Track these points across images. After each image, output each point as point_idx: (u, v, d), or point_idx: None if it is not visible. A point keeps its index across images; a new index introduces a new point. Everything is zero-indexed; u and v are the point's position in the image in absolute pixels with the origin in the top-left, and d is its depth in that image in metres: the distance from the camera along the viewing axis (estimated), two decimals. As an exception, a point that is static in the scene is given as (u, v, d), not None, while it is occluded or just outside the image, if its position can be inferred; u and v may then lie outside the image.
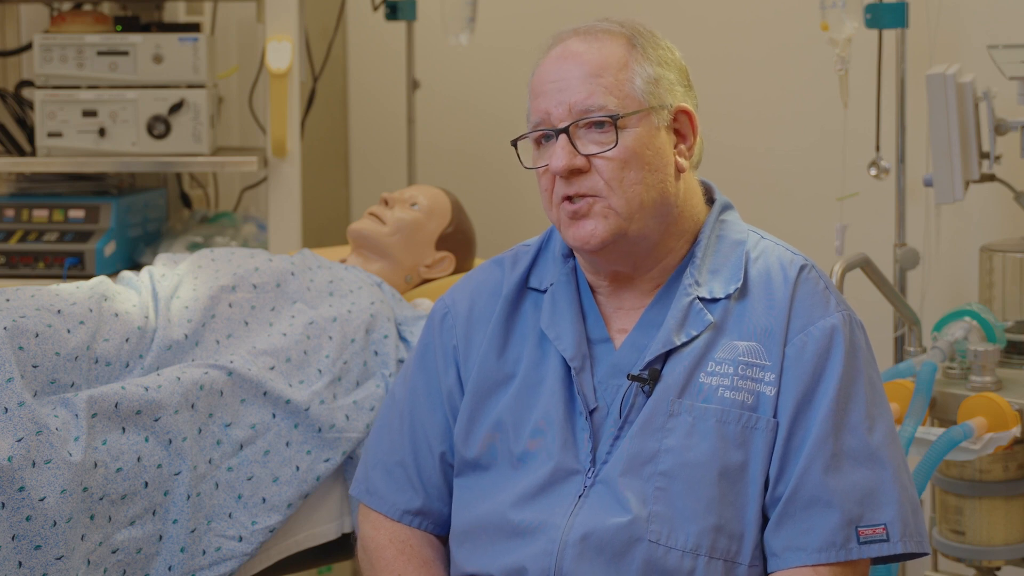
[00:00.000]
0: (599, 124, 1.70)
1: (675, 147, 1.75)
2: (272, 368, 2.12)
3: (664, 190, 1.72)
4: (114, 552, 1.90)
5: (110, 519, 1.89)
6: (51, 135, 3.05)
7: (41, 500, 1.79)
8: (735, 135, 3.36)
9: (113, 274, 2.65)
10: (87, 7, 3.33)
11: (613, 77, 1.70)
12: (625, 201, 1.69)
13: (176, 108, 3.03)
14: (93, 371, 2.00)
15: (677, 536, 1.65)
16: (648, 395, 1.70)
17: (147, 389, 1.96)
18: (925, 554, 1.69)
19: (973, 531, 2.49)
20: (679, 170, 1.75)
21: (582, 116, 1.69)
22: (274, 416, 2.09)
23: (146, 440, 1.94)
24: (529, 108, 1.76)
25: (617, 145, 1.69)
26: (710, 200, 1.83)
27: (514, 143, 1.78)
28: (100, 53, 3.05)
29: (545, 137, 1.73)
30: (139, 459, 1.93)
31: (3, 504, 1.77)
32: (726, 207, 1.82)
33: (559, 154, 1.70)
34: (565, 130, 1.70)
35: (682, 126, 1.76)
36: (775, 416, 1.68)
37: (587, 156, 1.69)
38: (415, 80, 3.61)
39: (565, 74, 1.71)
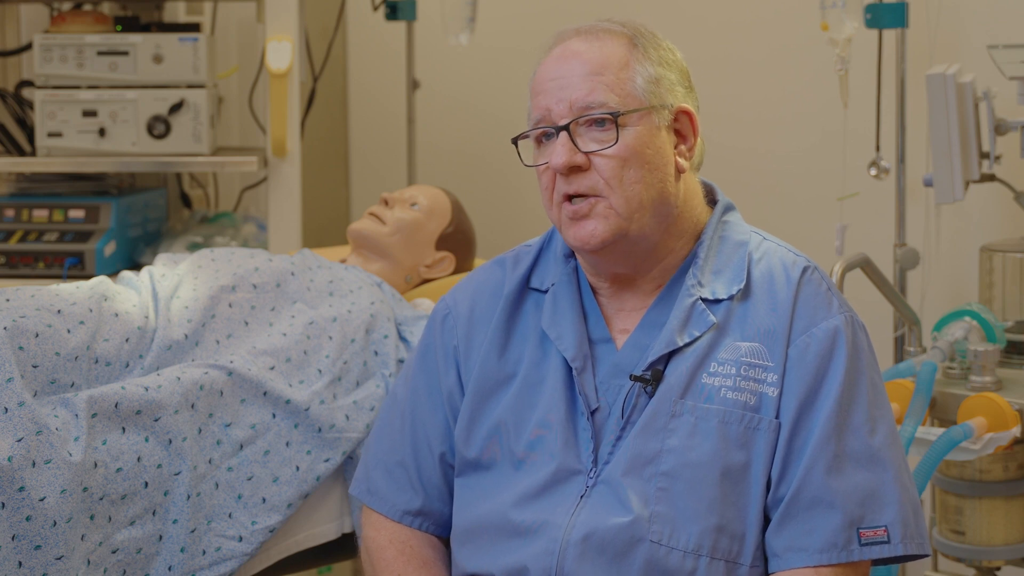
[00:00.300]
0: (599, 122, 1.70)
1: (675, 147, 1.75)
2: (272, 368, 2.12)
3: (664, 190, 1.72)
4: (114, 552, 1.90)
5: (110, 519, 1.89)
6: (51, 135, 3.05)
7: (41, 500, 1.79)
8: (735, 136, 3.36)
9: (113, 274, 2.65)
10: (87, 7, 3.33)
11: (614, 75, 1.70)
12: (625, 200, 1.69)
13: (176, 108, 3.03)
14: (93, 371, 2.00)
15: (679, 536, 1.65)
16: (650, 395, 1.70)
17: (147, 389, 1.96)
18: (926, 555, 1.69)
19: (973, 531, 2.49)
20: (679, 170, 1.75)
21: (583, 113, 1.69)
22: (274, 416, 2.09)
23: (146, 440, 1.94)
24: (530, 106, 1.76)
25: (617, 143, 1.68)
26: (712, 201, 1.83)
27: (515, 141, 1.78)
28: (100, 53, 3.05)
29: (546, 135, 1.73)
30: (139, 459, 1.93)
31: (3, 504, 1.76)
32: (728, 208, 1.82)
33: (559, 151, 1.70)
34: (566, 127, 1.70)
35: (683, 126, 1.76)
36: (777, 417, 1.68)
37: (587, 154, 1.69)
38: (415, 80, 3.61)
39: (566, 72, 1.71)
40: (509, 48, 3.59)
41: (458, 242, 2.60)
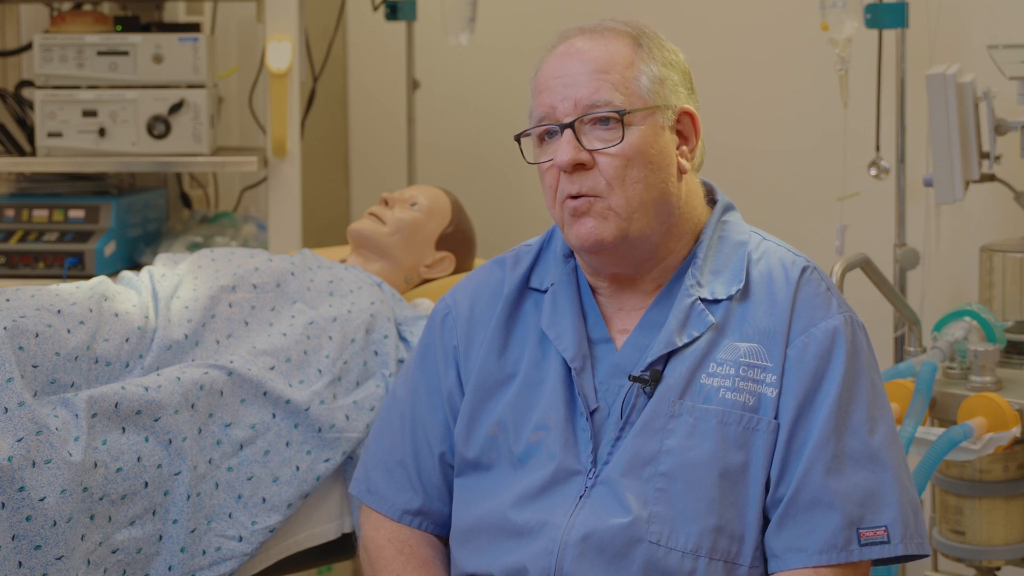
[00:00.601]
0: (604, 120, 1.69)
1: (677, 148, 1.75)
2: (272, 368, 2.12)
3: (665, 190, 1.72)
4: (114, 552, 1.90)
5: (110, 519, 1.89)
6: (51, 135, 3.05)
7: (41, 500, 1.79)
8: (736, 136, 3.36)
9: (113, 274, 2.65)
10: (87, 7, 3.33)
11: (620, 74, 1.70)
12: (625, 200, 1.69)
13: (176, 108, 3.03)
14: (93, 371, 2.00)
15: (677, 537, 1.65)
16: (649, 396, 1.70)
17: (147, 389, 1.96)
18: (926, 555, 1.69)
19: (973, 531, 2.49)
20: (681, 171, 1.75)
21: (588, 111, 1.69)
22: (274, 416, 2.09)
23: (146, 440, 1.94)
24: (532, 104, 1.75)
25: (622, 141, 1.68)
26: (712, 201, 1.83)
27: (518, 139, 1.78)
28: (100, 53, 3.05)
29: (549, 133, 1.73)
30: (139, 459, 1.93)
31: (3, 504, 1.76)
32: (728, 208, 1.82)
33: (564, 148, 1.69)
34: (571, 125, 1.70)
35: (685, 128, 1.76)
36: (776, 417, 1.68)
37: (591, 152, 1.69)
38: (415, 80, 3.61)
39: (571, 70, 1.71)
40: (509, 48, 3.59)
41: (458, 242, 2.60)
